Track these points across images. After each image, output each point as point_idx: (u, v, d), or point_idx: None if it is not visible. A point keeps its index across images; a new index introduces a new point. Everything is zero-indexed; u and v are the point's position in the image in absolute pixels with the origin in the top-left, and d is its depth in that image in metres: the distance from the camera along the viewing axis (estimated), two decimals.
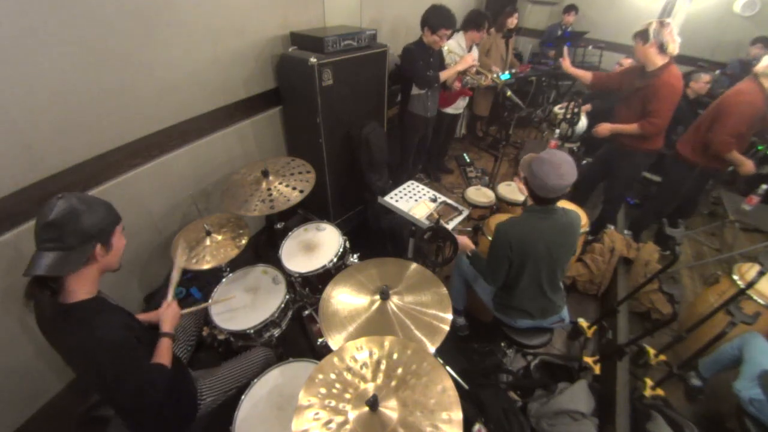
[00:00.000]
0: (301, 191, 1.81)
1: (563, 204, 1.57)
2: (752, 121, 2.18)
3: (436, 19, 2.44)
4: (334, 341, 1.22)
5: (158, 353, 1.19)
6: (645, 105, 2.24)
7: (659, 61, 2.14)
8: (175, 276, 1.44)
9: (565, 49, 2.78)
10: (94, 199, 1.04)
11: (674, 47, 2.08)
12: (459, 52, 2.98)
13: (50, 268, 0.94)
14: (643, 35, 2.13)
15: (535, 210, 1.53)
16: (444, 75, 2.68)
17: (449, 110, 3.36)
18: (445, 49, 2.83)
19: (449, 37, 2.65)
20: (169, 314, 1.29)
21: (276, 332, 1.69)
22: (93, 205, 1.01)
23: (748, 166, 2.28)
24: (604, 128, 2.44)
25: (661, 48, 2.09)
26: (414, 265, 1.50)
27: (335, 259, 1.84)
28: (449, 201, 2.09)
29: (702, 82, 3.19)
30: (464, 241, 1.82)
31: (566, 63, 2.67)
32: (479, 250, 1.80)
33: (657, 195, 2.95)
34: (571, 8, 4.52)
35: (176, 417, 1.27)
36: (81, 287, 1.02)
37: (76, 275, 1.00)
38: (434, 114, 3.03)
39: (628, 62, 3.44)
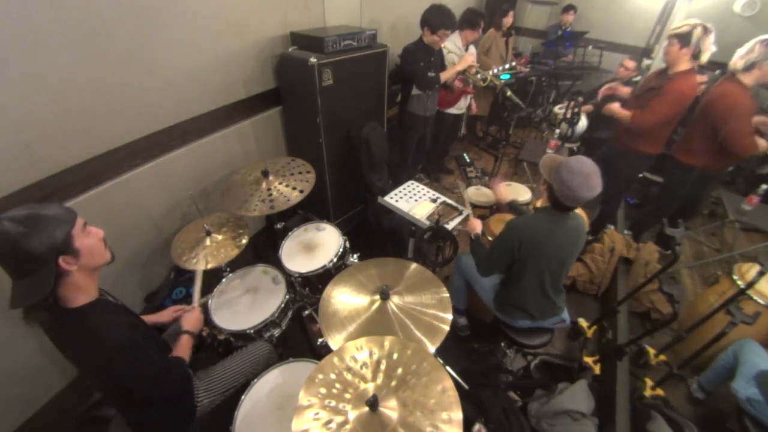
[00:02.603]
0: (301, 191, 1.81)
1: None
2: (754, 115, 2.16)
3: (436, 19, 2.43)
4: (334, 341, 1.22)
5: (178, 348, 1.23)
6: (649, 99, 2.22)
7: (685, 66, 2.09)
8: (198, 283, 1.51)
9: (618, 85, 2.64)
10: (33, 214, 0.90)
11: (706, 56, 2.02)
12: (457, 52, 2.98)
13: (23, 299, 0.91)
14: (683, 39, 2.03)
15: (550, 212, 1.51)
16: (444, 76, 2.67)
17: (452, 110, 3.36)
18: (444, 49, 2.83)
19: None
20: (192, 318, 1.36)
21: (276, 332, 1.69)
22: (34, 222, 0.89)
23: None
24: (610, 108, 2.39)
25: (696, 56, 2.04)
26: (414, 265, 1.50)
27: (335, 259, 1.84)
28: (449, 201, 2.09)
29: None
30: (474, 222, 1.83)
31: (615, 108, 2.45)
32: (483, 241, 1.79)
33: (658, 197, 2.95)
34: (569, 8, 4.51)
35: (177, 417, 1.27)
36: (76, 293, 1.00)
37: (65, 285, 0.97)
38: (433, 113, 3.03)
39: (631, 64, 3.43)
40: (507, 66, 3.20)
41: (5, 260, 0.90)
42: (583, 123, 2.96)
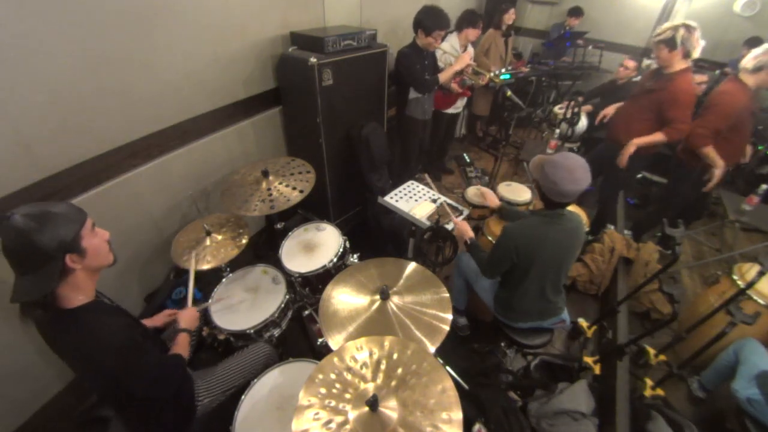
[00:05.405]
0: (301, 191, 1.81)
1: None
2: (731, 120, 2.14)
3: (430, 21, 2.40)
4: (334, 341, 1.22)
5: (176, 345, 1.24)
6: (662, 111, 2.20)
7: (680, 65, 2.12)
8: (191, 285, 1.51)
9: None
10: (45, 211, 0.92)
11: (697, 52, 2.07)
12: (453, 52, 2.96)
13: (25, 294, 0.92)
14: (669, 43, 2.07)
15: (543, 214, 1.50)
16: (443, 77, 2.65)
17: (449, 110, 3.35)
18: (438, 51, 2.81)
19: (444, 38, 2.63)
20: (187, 316, 1.38)
21: (276, 332, 1.69)
22: (45, 218, 0.90)
23: (719, 168, 2.23)
24: (632, 146, 2.28)
25: (686, 54, 2.08)
26: (414, 265, 1.50)
27: (335, 259, 1.84)
28: (449, 201, 2.08)
29: (694, 83, 3.18)
30: (463, 227, 1.80)
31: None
32: (479, 243, 1.78)
33: (662, 198, 2.94)
34: (578, 13, 4.46)
35: (176, 417, 1.27)
36: (75, 293, 1.00)
37: (65, 284, 0.97)
38: (431, 116, 3.02)
39: (632, 64, 3.43)
40: (504, 69, 3.20)
41: (14, 254, 0.90)
42: (583, 123, 2.97)
